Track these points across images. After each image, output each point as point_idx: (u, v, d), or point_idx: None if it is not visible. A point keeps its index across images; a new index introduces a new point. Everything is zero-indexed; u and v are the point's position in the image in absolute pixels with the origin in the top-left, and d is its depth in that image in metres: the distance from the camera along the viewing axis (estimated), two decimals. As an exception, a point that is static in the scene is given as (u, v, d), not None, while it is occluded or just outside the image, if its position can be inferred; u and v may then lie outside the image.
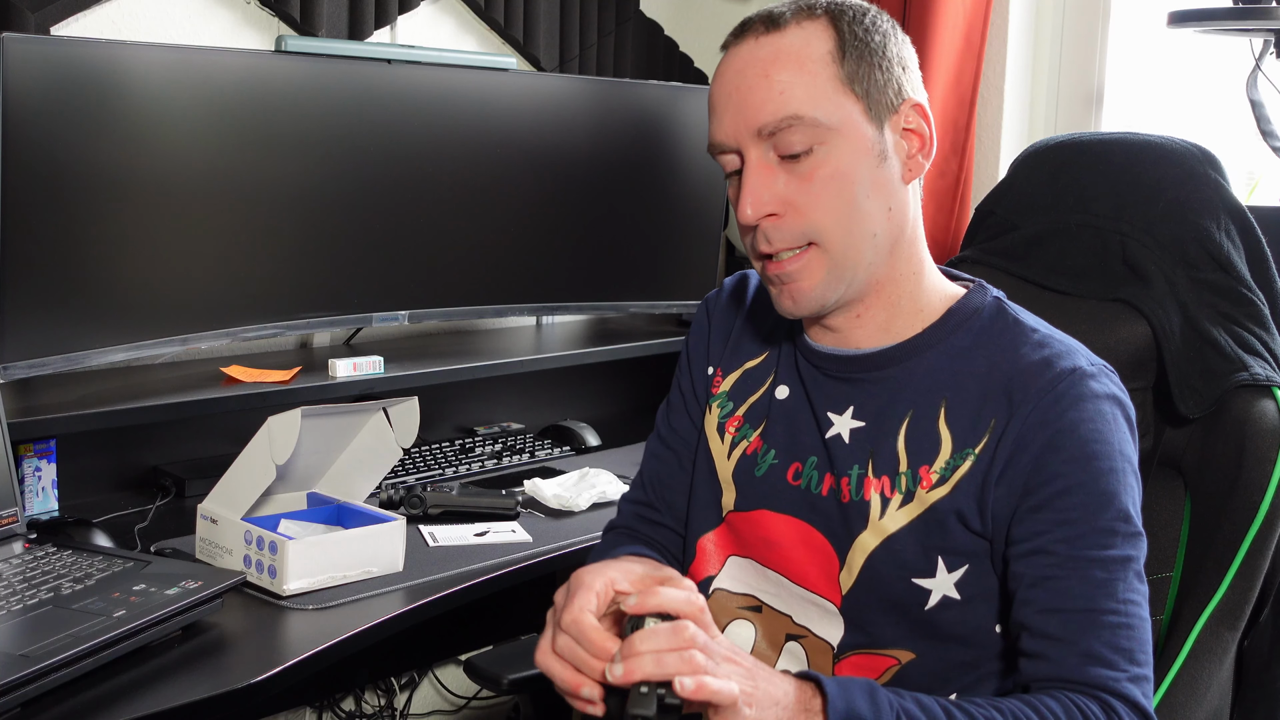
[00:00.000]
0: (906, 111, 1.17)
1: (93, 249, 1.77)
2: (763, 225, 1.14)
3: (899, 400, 1.18)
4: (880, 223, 1.15)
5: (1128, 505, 1.11)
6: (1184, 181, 1.44)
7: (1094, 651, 1.07)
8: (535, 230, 2.30)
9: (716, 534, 1.28)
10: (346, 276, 2.07)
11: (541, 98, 2.27)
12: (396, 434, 1.66)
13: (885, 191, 1.15)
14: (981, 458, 1.13)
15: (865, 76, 1.14)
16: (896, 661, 1.17)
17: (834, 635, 1.19)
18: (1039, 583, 1.09)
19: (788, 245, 1.14)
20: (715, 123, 1.17)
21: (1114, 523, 1.10)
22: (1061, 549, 1.09)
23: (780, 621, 1.23)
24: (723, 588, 1.27)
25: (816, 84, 1.12)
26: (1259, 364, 1.36)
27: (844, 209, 1.13)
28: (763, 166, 1.13)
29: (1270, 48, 2.05)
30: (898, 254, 1.18)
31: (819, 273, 1.15)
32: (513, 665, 1.55)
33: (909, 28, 2.46)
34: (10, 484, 1.52)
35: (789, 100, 1.11)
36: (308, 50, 1.99)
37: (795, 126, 1.11)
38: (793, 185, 1.13)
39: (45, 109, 1.67)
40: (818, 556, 1.20)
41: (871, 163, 1.14)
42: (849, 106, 1.13)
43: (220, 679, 1.29)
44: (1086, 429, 1.11)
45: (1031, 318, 1.20)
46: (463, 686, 2.57)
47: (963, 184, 2.48)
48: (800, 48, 1.13)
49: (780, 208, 1.13)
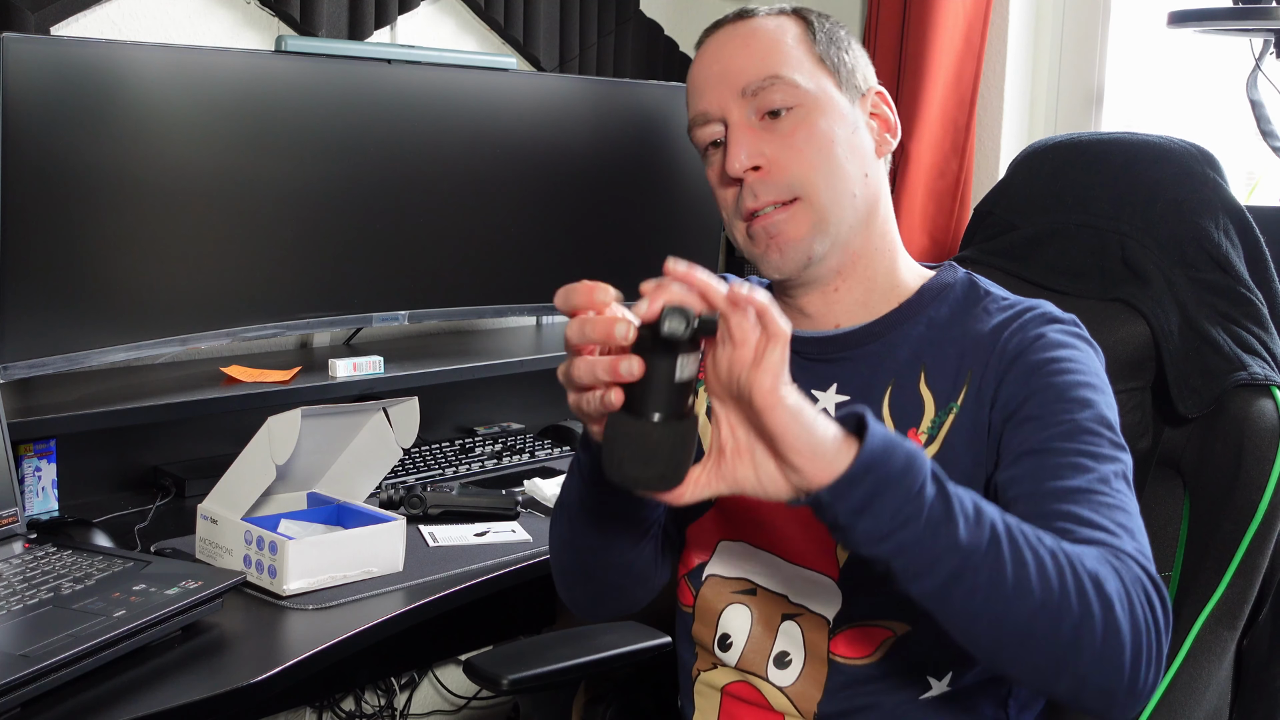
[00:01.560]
0: (872, 97, 1.25)
1: (93, 249, 1.77)
2: (748, 180, 1.18)
3: (880, 372, 1.20)
4: (859, 184, 1.20)
5: (1106, 414, 1.10)
6: (1183, 181, 1.45)
7: (1086, 518, 1.02)
8: (535, 230, 2.30)
9: (706, 519, 1.28)
10: (346, 276, 2.07)
11: (541, 98, 2.27)
12: (396, 434, 1.66)
13: (861, 157, 1.21)
14: (965, 407, 1.16)
15: (835, 57, 1.22)
16: (892, 633, 1.18)
17: (830, 610, 1.20)
18: (1020, 481, 1.08)
19: (773, 199, 1.18)
20: (697, 97, 1.22)
21: (1095, 425, 1.08)
22: (1044, 445, 1.07)
23: (775, 602, 1.23)
24: (715, 573, 1.27)
25: (793, 55, 1.20)
26: (1257, 363, 1.36)
27: (825, 164, 1.18)
28: (747, 126, 1.19)
29: (1270, 48, 2.05)
30: (873, 226, 1.23)
31: (804, 225, 1.18)
32: (513, 665, 1.55)
33: (909, 27, 2.47)
34: (10, 484, 1.53)
35: (769, 62, 1.19)
36: (308, 50, 1.99)
37: (776, 85, 1.18)
38: (775, 143, 1.18)
39: (45, 109, 1.67)
40: (812, 531, 1.20)
41: (847, 128, 1.21)
42: (823, 78, 1.20)
43: (220, 679, 1.29)
44: (1056, 349, 1.13)
45: (1003, 290, 1.24)
46: (463, 686, 2.57)
47: (963, 184, 2.48)
48: (774, 29, 1.22)
49: (764, 162, 1.18)
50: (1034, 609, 0.92)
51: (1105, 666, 0.93)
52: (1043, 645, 0.93)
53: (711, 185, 1.24)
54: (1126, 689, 0.94)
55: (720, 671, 1.27)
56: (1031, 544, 0.94)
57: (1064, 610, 0.92)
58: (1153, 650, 0.95)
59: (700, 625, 1.28)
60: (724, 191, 1.22)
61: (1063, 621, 0.92)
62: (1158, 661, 0.96)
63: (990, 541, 0.92)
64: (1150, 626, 0.95)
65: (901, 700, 1.18)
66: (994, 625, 0.93)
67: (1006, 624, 0.92)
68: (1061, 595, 0.92)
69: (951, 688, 1.18)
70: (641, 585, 1.29)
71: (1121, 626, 0.93)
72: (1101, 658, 0.93)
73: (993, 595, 0.91)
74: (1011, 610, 0.92)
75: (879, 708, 1.18)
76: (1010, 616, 0.92)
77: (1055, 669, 0.94)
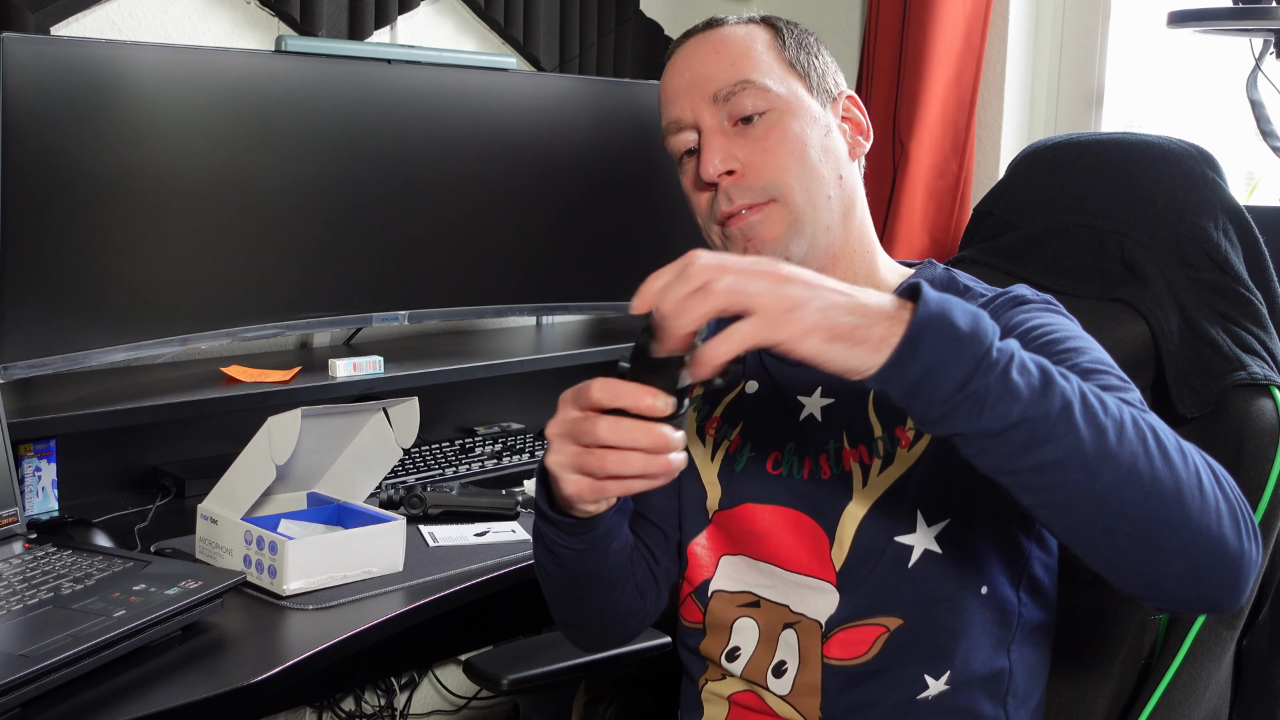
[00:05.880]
0: (844, 101, 1.26)
1: (93, 249, 1.77)
2: (722, 184, 1.19)
3: None
4: (834, 186, 1.21)
5: (1105, 356, 1.08)
6: (1181, 181, 1.45)
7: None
8: (535, 230, 2.30)
9: (705, 536, 1.29)
10: (346, 276, 2.07)
11: (541, 98, 2.28)
12: (396, 434, 1.66)
13: (835, 159, 1.22)
14: None
15: (805, 62, 1.23)
16: (885, 629, 1.18)
17: (824, 614, 1.20)
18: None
19: (748, 202, 1.19)
20: (669, 105, 1.23)
21: (1099, 365, 1.05)
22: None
23: (778, 612, 1.23)
24: (720, 589, 1.28)
25: (763, 61, 1.21)
26: (1257, 363, 1.36)
27: (799, 166, 1.19)
28: (720, 131, 1.20)
29: (1270, 48, 2.05)
30: (850, 226, 1.23)
31: (780, 225, 1.19)
32: (513, 665, 1.55)
33: (909, 27, 2.47)
34: (10, 484, 1.53)
35: (740, 68, 1.20)
36: (308, 50, 1.99)
37: (747, 90, 1.19)
38: (748, 147, 1.19)
39: (45, 109, 1.67)
40: (807, 538, 1.21)
41: (820, 131, 1.21)
42: (793, 83, 1.22)
43: (220, 679, 1.29)
44: (1036, 319, 1.12)
45: (982, 284, 1.24)
46: (463, 686, 2.57)
47: (962, 184, 2.48)
48: (743, 36, 1.23)
49: (738, 166, 1.19)
50: (1122, 476, 0.87)
51: (1209, 536, 0.89)
52: (1138, 515, 0.88)
53: (686, 192, 1.25)
54: (1235, 560, 0.90)
55: (728, 681, 1.28)
56: (1109, 409, 0.89)
57: (1154, 475, 0.88)
58: (1249, 521, 0.91)
59: (710, 640, 1.28)
60: (698, 196, 1.23)
61: (1157, 486, 0.88)
62: (1257, 534, 0.91)
63: (1062, 409, 0.87)
64: (1240, 497, 0.92)
65: (900, 700, 1.18)
66: (1080, 497, 0.88)
67: (1094, 493, 0.88)
68: (1147, 459, 0.88)
69: (949, 686, 1.18)
70: (630, 620, 1.30)
71: (1216, 494, 0.90)
72: (1204, 526, 0.88)
73: (1069, 463, 0.87)
74: (1097, 477, 0.87)
75: (878, 707, 1.19)
76: (1097, 484, 0.87)
77: (1158, 543, 0.89)
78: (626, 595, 1.26)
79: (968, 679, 1.18)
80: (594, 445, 0.93)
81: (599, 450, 0.93)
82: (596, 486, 0.95)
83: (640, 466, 0.92)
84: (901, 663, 1.18)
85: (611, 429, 0.92)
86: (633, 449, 0.92)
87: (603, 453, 0.93)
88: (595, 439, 0.93)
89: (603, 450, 0.93)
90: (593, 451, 0.94)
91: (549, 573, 1.21)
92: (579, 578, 1.20)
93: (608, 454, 0.93)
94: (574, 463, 0.96)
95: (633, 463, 0.92)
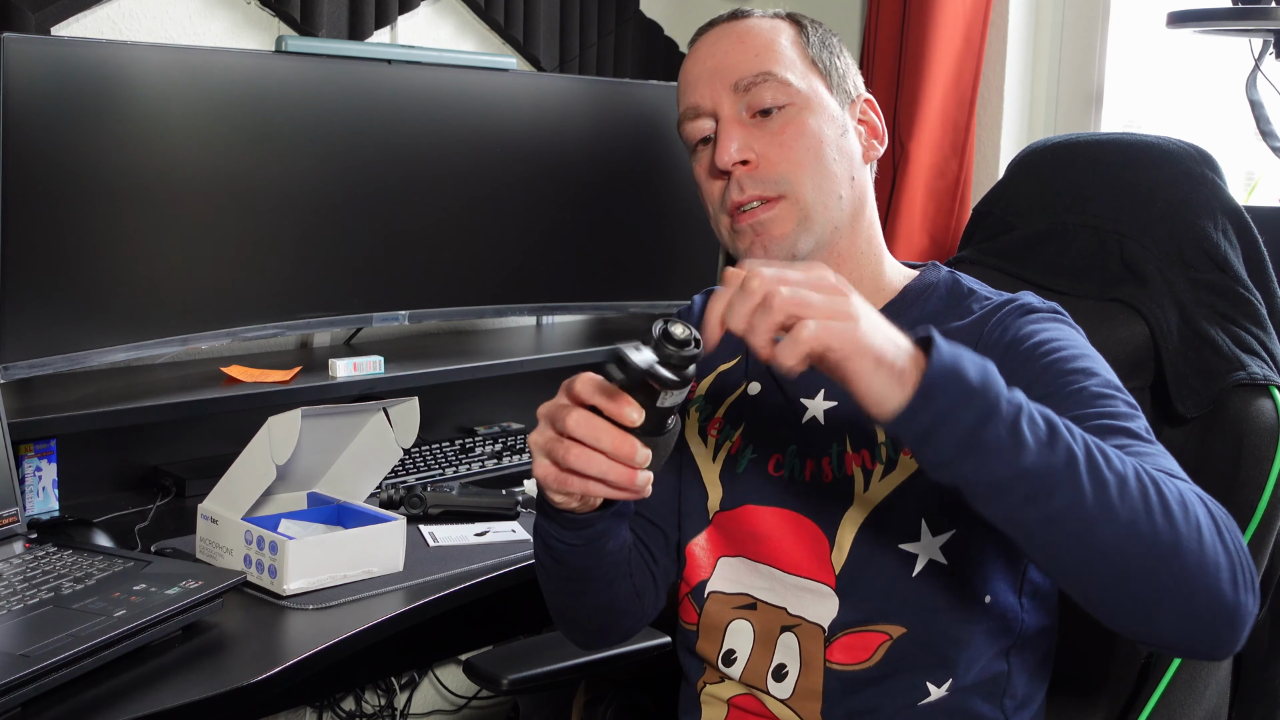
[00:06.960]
0: (861, 104, 1.27)
1: (93, 249, 1.77)
2: (735, 174, 1.19)
3: None
4: (845, 186, 1.21)
5: (1112, 379, 1.09)
6: (1181, 182, 1.45)
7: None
8: (535, 230, 2.30)
9: (704, 537, 1.28)
10: (346, 276, 2.07)
11: (541, 98, 2.28)
12: (396, 434, 1.66)
13: (849, 160, 1.22)
14: None
15: (827, 60, 1.24)
16: (888, 636, 1.17)
17: (827, 618, 1.20)
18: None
19: (760, 194, 1.19)
20: (688, 91, 1.23)
21: (1106, 389, 1.07)
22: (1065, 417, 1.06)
23: (775, 615, 1.23)
24: (717, 590, 1.27)
25: (786, 55, 1.22)
26: (1256, 363, 1.36)
27: (813, 163, 1.19)
28: (737, 121, 1.20)
29: (1270, 48, 2.05)
30: (859, 229, 1.24)
31: (789, 222, 1.19)
32: (513, 665, 1.55)
33: (909, 27, 2.47)
34: (10, 484, 1.53)
35: (763, 60, 1.20)
36: (308, 50, 1.99)
37: (768, 82, 1.19)
38: (764, 139, 1.19)
39: (45, 109, 1.67)
40: (807, 541, 1.21)
41: (836, 130, 1.22)
42: (814, 80, 1.22)
43: (220, 679, 1.29)
44: (1044, 332, 1.13)
45: (986, 288, 1.24)
46: (463, 686, 2.57)
47: (962, 184, 2.48)
48: (768, 29, 1.24)
49: (753, 157, 1.19)
50: (1122, 531, 0.89)
51: (1207, 590, 0.90)
52: (1136, 570, 0.89)
53: (698, 180, 1.25)
54: (1230, 613, 0.91)
55: (726, 685, 1.27)
56: (1112, 463, 0.91)
57: (1154, 530, 0.89)
58: (1248, 573, 0.92)
59: (705, 642, 1.28)
60: (711, 185, 1.23)
61: (1156, 542, 0.89)
62: (1255, 586, 0.93)
63: (1066, 463, 0.89)
64: (1241, 549, 0.93)
65: (901, 706, 1.18)
66: (1081, 549, 0.90)
67: (1094, 548, 0.89)
68: (1147, 515, 0.89)
69: (949, 693, 1.18)
70: (627, 618, 1.30)
71: (1216, 547, 0.91)
72: (1202, 580, 0.90)
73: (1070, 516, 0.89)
74: (1098, 532, 0.89)
75: (879, 713, 1.18)
76: (1098, 539, 0.89)
77: (1154, 596, 0.90)
78: (623, 594, 1.26)
79: (968, 684, 1.18)
80: (563, 434, 0.97)
81: (566, 441, 0.97)
82: (560, 477, 0.99)
83: (600, 469, 0.96)
84: (904, 670, 1.17)
85: (579, 422, 0.96)
86: (595, 449, 0.96)
87: (568, 444, 0.97)
88: (565, 428, 0.97)
89: (569, 442, 0.97)
90: (561, 440, 0.98)
91: (545, 566, 1.22)
92: (574, 573, 1.20)
93: (572, 446, 0.97)
94: (545, 446, 1.00)
95: (594, 462, 0.96)
